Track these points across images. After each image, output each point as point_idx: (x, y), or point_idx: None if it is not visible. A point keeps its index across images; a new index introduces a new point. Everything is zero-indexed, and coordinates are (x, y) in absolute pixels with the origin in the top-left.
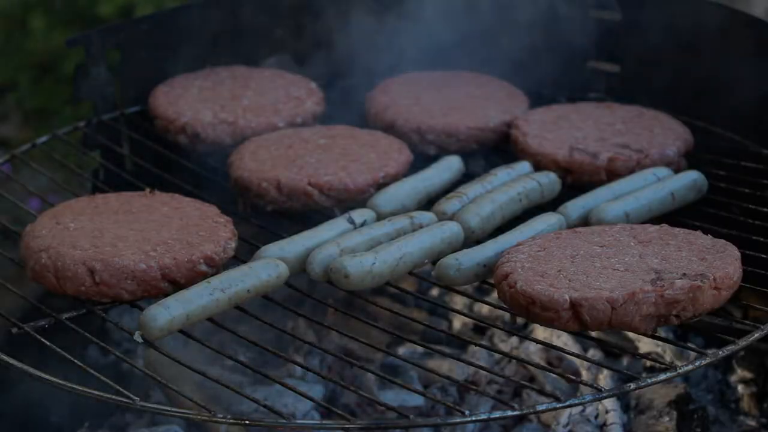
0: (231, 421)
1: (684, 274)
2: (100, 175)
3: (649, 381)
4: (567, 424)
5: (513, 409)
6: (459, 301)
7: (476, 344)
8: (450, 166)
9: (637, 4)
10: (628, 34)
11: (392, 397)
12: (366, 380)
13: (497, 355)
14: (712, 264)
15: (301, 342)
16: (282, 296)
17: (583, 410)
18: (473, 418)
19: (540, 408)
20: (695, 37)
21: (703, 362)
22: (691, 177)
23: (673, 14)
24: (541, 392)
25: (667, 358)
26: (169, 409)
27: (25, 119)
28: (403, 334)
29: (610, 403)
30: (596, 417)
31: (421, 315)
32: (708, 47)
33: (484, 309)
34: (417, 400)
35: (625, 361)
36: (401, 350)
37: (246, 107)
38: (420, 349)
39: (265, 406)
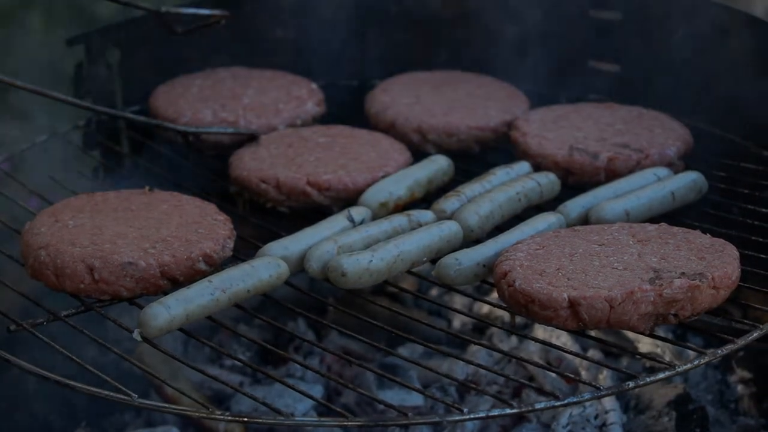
0: (229, 418)
1: (683, 273)
2: (99, 174)
3: (648, 380)
4: (567, 425)
5: (511, 407)
6: (459, 301)
7: (476, 342)
8: (435, 160)
9: (637, 3)
10: (628, 34)
11: (391, 396)
12: (365, 380)
13: (497, 356)
14: (710, 263)
15: (300, 341)
16: (282, 295)
17: (583, 410)
18: (472, 416)
19: (538, 406)
20: (695, 37)
21: (702, 361)
22: (691, 177)
23: (673, 14)
24: (540, 391)
25: (667, 357)
26: (167, 406)
27: (24, 119)
28: (402, 334)
29: (609, 403)
30: (596, 417)
31: (420, 315)
32: (708, 47)
33: (484, 309)
34: (416, 400)
35: (624, 361)
36: (401, 351)
37: (246, 107)
38: (419, 349)
39: (264, 404)
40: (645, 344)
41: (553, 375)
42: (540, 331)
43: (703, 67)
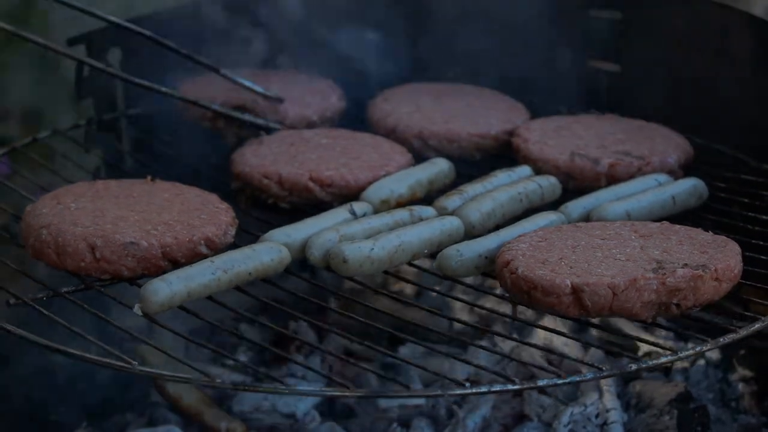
0: (230, 386)
1: (685, 264)
2: (101, 173)
3: (650, 363)
4: (568, 423)
5: (513, 383)
6: (458, 305)
7: (477, 345)
8: (437, 162)
9: (637, 4)
10: (629, 36)
11: None
12: (365, 381)
13: (497, 357)
14: (713, 256)
15: (301, 342)
16: (282, 296)
17: (584, 409)
18: (473, 390)
19: (541, 383)
20: (695, 36)
21: (704, 348)
22: (692, 182)
23: (673, 14)
24: (543, 369)
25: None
26: (168, 373)
27: (25, 118)
28: (403, 335)
29: (610, 402)
30: (597, 416)
31: (421, 314)
32: (708, 48)
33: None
34: (417, 399)
35: (626, 360)
36: (402, 350)
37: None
38: (421, 348)
39: (267, 376)
40: (646, 337)
41: (553, 371)
42: (540, 334)
43: (703, 68)
